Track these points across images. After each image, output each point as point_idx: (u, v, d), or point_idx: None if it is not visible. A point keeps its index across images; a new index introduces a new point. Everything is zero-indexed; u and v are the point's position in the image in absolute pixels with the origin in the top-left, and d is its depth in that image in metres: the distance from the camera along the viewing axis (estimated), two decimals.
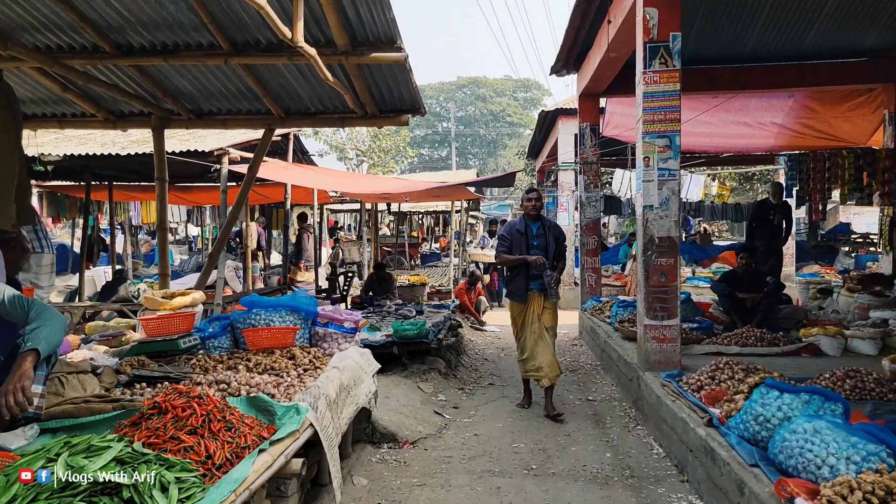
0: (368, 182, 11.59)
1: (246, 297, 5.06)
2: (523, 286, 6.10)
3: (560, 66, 10.39)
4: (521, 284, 6.11)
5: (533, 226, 6.18)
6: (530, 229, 6.15)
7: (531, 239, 6.10)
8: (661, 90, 5.77)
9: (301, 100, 5.55)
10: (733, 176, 25.55)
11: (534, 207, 6.14)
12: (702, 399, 4.59)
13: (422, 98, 5.31)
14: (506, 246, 6.16)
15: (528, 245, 6.07)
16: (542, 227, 6.18)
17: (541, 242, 6.12)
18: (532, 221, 6.19)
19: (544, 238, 6.14)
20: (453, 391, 7.04)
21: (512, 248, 6.12)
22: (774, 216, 8.82)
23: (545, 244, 6.12)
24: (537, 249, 6.08)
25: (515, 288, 6.17)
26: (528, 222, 6.19)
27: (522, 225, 6.17)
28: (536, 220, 6.20)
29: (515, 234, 6.15)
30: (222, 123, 5.90)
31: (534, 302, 6.13)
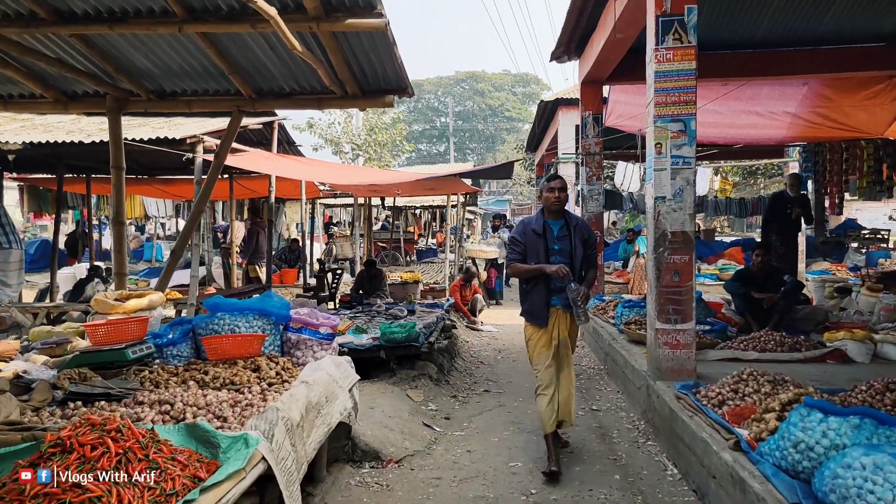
0: (357, 173, 11.02)
1: (210, 298, 4.49)
2: (543, 302, 4.65)
3: (561, 52, 9.82)
4: (541, 300, 4.66)
5: (554, 225, 4.72)
6: (550, 229, 4.70)
7: (552, 242, 4.67)
8: (675, 69, 5.21)
9: (273, 78, 4.97)
10: (736, 170, 25.00)
11: (556, 200, 4.65)
12: (725, 417, 4.04)
13: (408, 77, 4.74)
14: (518, 251, 4.72)
15: (548, 250, 4.64)
16: (565, 226, 4.73)
17: (564, 247, 4.68)
18: (553, 219, 4.74)
19: (568, 241, 4.69)
20: (445, 399, 6.48)
21: (526, 255, 4.68)
22: (792, 210, 8.27)
23: (570, 249, 4.67)
24: (559, 256, 4.65)
25: (534, 306, 4.70)
26: (547, 220, 4.72)
27: (540, 224, 4.71)
28: (559, 218, 4.74)
29: (531, 235, 4.69)
30: (186, 105, 5.31)
31: (558, 322, 4.70)
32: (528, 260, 4.69)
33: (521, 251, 4.74)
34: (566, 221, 4.77)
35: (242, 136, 9.32)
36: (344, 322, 7.23)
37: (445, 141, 67.39)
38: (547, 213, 4.78)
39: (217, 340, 4.01)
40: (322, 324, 4.47)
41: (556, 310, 4.70)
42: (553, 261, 4.63)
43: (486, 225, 34.67)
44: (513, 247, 4.82)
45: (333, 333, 4.52)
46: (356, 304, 9.31)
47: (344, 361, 4.32)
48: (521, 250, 4.75)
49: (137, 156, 9.68)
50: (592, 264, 4.86)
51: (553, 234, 4.71)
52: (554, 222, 4.75)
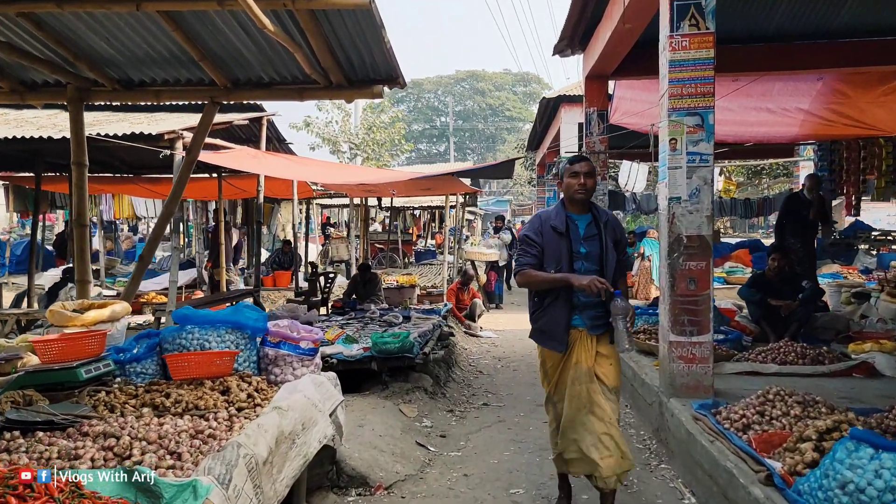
0: (349, 172, 10.59)
1: (179, 309, 4.06)
2: (563, 321, 3.63)
3: (564, 45, 9.36)
4: (561, 319, 3.64)
5: (579, 221, 3.70)
6: (574, 226, 3.68)
7: (576, 243, 3.63)
8: (692, 58, 4.77)
9: (250, 67, 4.54)
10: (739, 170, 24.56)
11: (581, 188, 3.63)
12: (752, 444, 3.60)
13: (399, 65, 4.30)
14: (532, 254, 3.68)
15: (571, 253, 3.60)
16: (593, 222, 3.69)
17: (592, 249, 3.64)
18: (577, 213, 3.71)
19: (598, 241, 3.65)
20: (441, 414, 6.05)
21: (543, 259, 3.66)
22: (810, 211, 7.83)
23: (600, 252, 3.64)
24: (586, 261, 3.62)
25: (551, 325, 3.68)
26: (570, 215, 3.70)
27: (561, 219, 3.67)
28: (584, 211, 3.72)
29: (550, 234, 3.66)
30: (154, 96, 4.87)
31: (580, 347, 3.66)
32: (546, 266, 3.63)
33: (537, 254, 3.67)
34: (594, 216, 3.70)
35: (230, 133, 8.91)
36: (334, 330, 6.79)
37: (445, 141, 67.00)
38: (569, 204, 3.72)
39: (182, 359, 3.57)
40: (303, 338, 4.03)
41: (579, 332, 3.66)
42: (578, 267, 3.58)
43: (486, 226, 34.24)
44: (525, 248, 3.72)
45: (316, 348, 4.08)
46: (349, 309, 8.88)
47: (326, 380, 3.89)
48: (535, 252, 3.67)
49: (122, 154, 9.27)
50: (624, 272, 3.86)
51: (578, 232, 3.65)
52: (579, 217, 3.69)
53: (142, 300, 10.19)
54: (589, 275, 3.54)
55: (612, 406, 3.64)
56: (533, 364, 8.44)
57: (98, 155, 9.45)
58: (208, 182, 10.45)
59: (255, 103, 8.70)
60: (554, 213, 3.75)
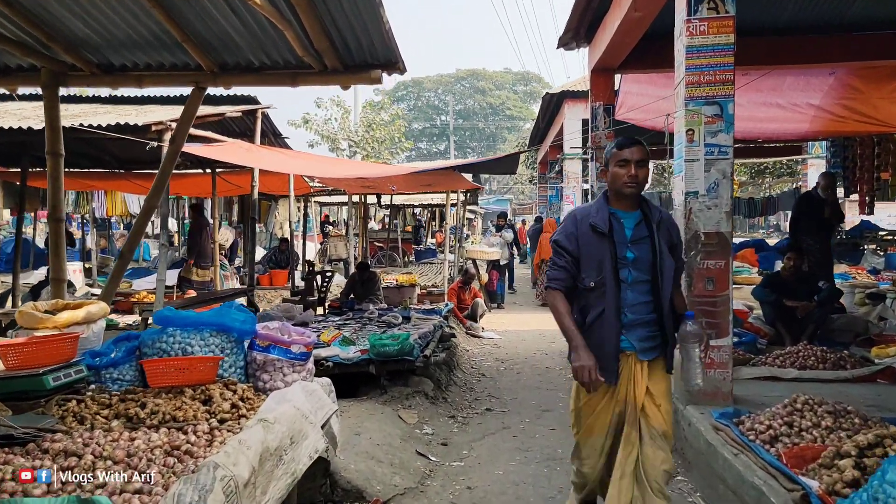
0: (346, 167, 10.29)
1: (160, 310, 3.76)
2: (612, 343, 2.91)
3: (570, 38, 9.06)
4: (609, 339, 2.91)
5: (626, 219, 2.99)
6: (619, 226, 2.97)
7: (622, 247, 2.93)
8: (711, 43, 4.48)
9: (239, 50, 4.24)
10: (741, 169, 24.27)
11: (632, 181, 2.91)
12: (782, 458, 3.31)
13: (399, 49, 4.01)
14: (561, 267, 2.99)
15: (615, 259, 2.90)
16: (643, 221, 2.99)
17: (643, 255, 2.94)
18: (624, 209, 3.00)
19: (650, 245, 2.95)
20: (442, 420, 5.75)
21: (577, 271, 2.97)
22: (825, 210, 7.54)
23: (652, 259, 2.93)
24: (634, 268, 2.93)
25: (595, 347, 2.90)
26: (615, 212, 3.00)
27: (603, 217, 2.96)
28: (633, 208, 3.01)
29: (588, 236, 2.95)
30: (136, 81, 4.56)
31: (628, 377, 2.96)
32: (585, 276, 2.93)
33: (567, 265, 2.96)
34: (645, 214, 2.99)
35: (224, 126, 8.61)
36: (330, 331, 6.50)
37: (446, 139, 66.76)
38: (613, 199, 3.00)
39: (160, 365, 3.28)
40: (294, 341, 3.74)
41: (629, 357, 2.94)
42: (624, 276, 2.90)
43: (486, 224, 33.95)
44: (554, 259, 3.03)
45: (308, 353, 3.78)
46: (347, 309, 8.58)
47: (318, 388, 3.59)
48: (566, 264, 2.97)
49: (112, 148, 8.97)
50: (679, 284, 3.12)
51: (624, 233, 2.95)
52: (626, 215, 2.98)
53: (132, 300, 9.88)
54: (637, 288, 2.93)
55: (664, 457, 2.90)
56: (537, 366, 8.16)
57: (87, 149, 9.15)
58: (202, 178, 10.15)
59: (249, 95, 8.42)
60: (594, 210, 3.00)
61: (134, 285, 12.29)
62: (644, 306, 2.96)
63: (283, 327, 3.95)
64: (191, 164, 9.99)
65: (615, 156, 2.97)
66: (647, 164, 2.97)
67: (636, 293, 2.95)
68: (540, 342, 9.75)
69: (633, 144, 2.97)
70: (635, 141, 2.99)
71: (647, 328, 2.98)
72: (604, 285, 2.90)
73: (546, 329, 10.80)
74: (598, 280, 2.92)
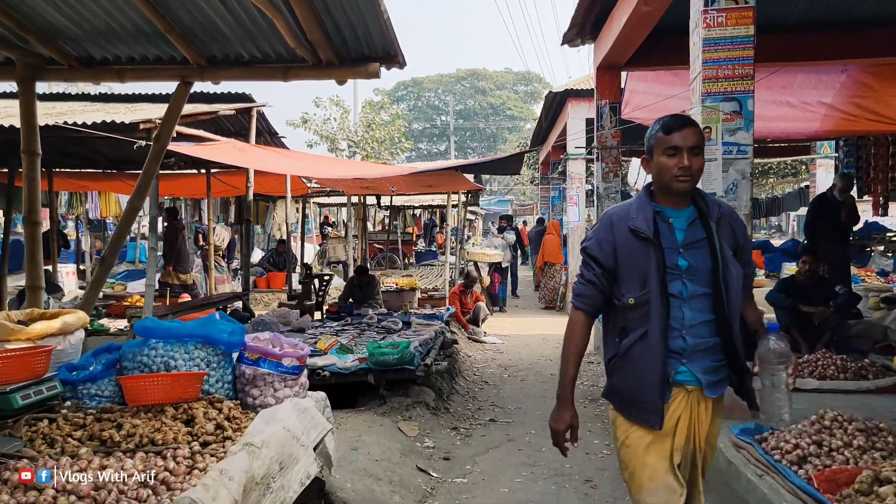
0: (344, 167, 10.04)
1: (143, 320, 3.51)
2: (657, 376, 2.28)
3: (574, 34, 8.80)
4: (653, 371, 2.29)
5: (676, 218, 2.37)
6: (667, 227, 2.36)
7: (671, 253, 2.33)
8: (729, 35, 4.24)
9: (227, 42, 3.99)
10: None
11: (684, 174, 2.29)
12: (813, 483, 3.05)
13: (398, 41, 3.75)
14: (589, 281, 2.40)
15: (663, 269, 2.29)
16: (697, 219, 2.37)
17: (698, 262, 2.33)
18: (673, 206, 2.38)
19: (707, 249, 2.34)
20: (444, 432, 5.50)
21: (613, 281, 2.38)
22: (842, 213, 7.28)
23: (711, 266, 2.32)
24: (690, 279, 2.32)
25: (638, 381, 2.32)
26: (661, 209, 2.38)
27: (647, 217, 2.35)
28: (683, 204, 2.38)
29: (627, 243, 2.35)
30: (117, 75, 4.31)
31: (690, 419, 2.34)
32: (624, 293, 2.32)
33: (596, 279, 2.36)
34: (700, 211, 2.35)
35: (218, 125, 8.37)
36: (327, 339, 6.24)
37: (446, 140, 66.51)
38: (659, 194, 2.39)
39: (138, 382, 3.02)
40: (286, 354, 3.48)
41: (686, 393, 2.31)
42: (676, 291, 2.28)
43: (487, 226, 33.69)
44: (583, 270, 2.42)
45: (301, 366, 3.53)
46: (345, 314, 8.33)
47: (312, 405, 3.33)
48: (594, 278, 2.37)
49: (104, 148, 8.71)
50: (750, 295, 2.46)
51: (674, 236, 2.33)
52: (675, 213, 2.35)
53: (125, 303, 9.64)
54: (695, 305, 2.29)
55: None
56: (542, 373, 7.90)
57: (78, 148, 8.89)
58: (196, 178, 9.90)
59: (244, 93, 8.18)
60: (634, 209, 2.36)
61: (129, 288, 12.04)
62: (705, 327, 2.32)
63: (274, 339, 3.69)
64: (185, 165, 9.75)
65: (661, 141, 2.32)
66: (703, 151, 2.34)
67: (694, 311, 2.31)
68: (544, 347, 9.49)
69: (683, 126, 2.30)
70: (686, 121, 2.34)
71: (712, 356, 2.33)
72: (647, 303, 2.27)
73: (549, 333, 10.55)
74: (641, 296, 2.29)
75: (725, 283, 2.30)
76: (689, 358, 2.31)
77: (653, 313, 2.27)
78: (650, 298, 2.28)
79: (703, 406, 2.35)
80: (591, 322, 2.44)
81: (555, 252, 13.63)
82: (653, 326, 2.27)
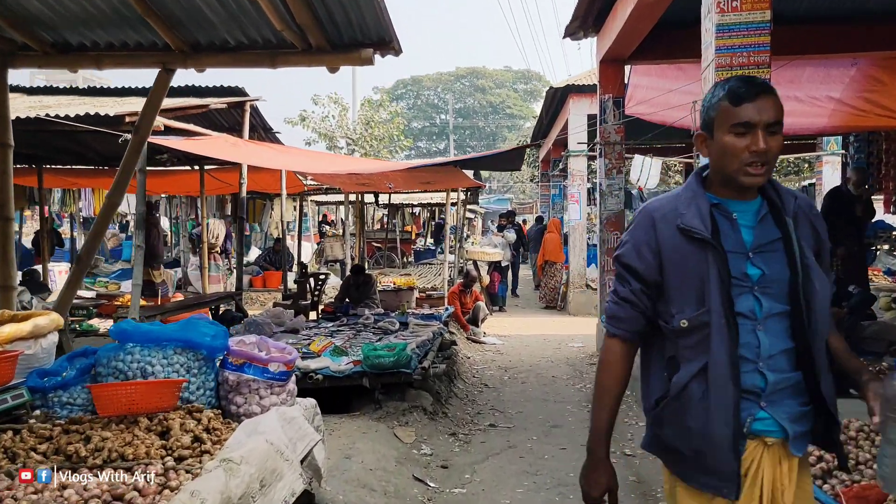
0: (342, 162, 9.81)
1: (120, 323, 3.28)
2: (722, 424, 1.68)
3: (577, 26, 8.57)
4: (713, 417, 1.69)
5: (741, 212, 1.77)
6: (730, 225, 1.75)
7: (738, 260, 1.72)
8: (745, 21, 4.01)
9: (211, 27, 3.75)
10: None
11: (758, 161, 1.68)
12: (840, 499, 2.82)
13: (393, 26, 3.52)
14: (627, 295, 1.82)
15: (727, 280, 1.69)
16: (768, 213, 1.77)
17: (774, 270, 1.73)
18: (737, 198, 1.77)
19: (783, 254, 1.74)
20: (442, 438, 5.27)
21: (658, 298, 1.80)
22: (857, 208, 7.05)
23: (790, 276, 1.73)
24: (762, 293, 1.72)
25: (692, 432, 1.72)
26: (721, 202, 1.77)
27: (702, 212, 1.75)
28: (749, 195, 1.78)
29: (676, 248, 1.75)
30: (94, 62, 4.07)
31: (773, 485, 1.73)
32: (675, 314, 1.75)
33: (637, 297, 1.81)
34: (770, 203, 1.79)
35: (210, 119, 8.13)
36: (321, 340, 6.02)
37: (445, 138, 66.28)
38: (719, 183, 1.80)
39: (108, 390, 2.79)
40: (272, 359, 3.25)
41: (764, 446, 1.74)
42: (745, 309, 1.71)
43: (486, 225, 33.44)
44: (617, 286, 1.87)
45: (289, 371, 3.30)
46: (341, 314, 8.10)
47: (299, 415, 3.10)
48: (633, 294, 1.82)
49: (93, 143, 8.49)
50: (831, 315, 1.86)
51: (740, 235, 1.76)
52: (739, 206, 1.78)
53: (117, 303, 9.40)
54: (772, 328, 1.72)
55: None
56: (543, 375, 7.67)
57: (68, 144, 8.68)
58: (190, 175, 9.67)
59: (237, 87, 7.94)
60: (685, 201, 1.78)
61: (123, 287, 11.81)
62: (785, 358, 1.73)
63: (260, 342, 3.47)
64: (178, 161, 9.52)
65: (726, 114, 1.70)
66: (782, 127, 1.73)
67: (772, 336, 1.72)
68: (545, 348, 9.27)
69: (759, 94, 1.69)
70: (762, 87, 1.72)
71: (798, 397, 1.74)
72: (707, 325, 1.69)
73: (550, 334, 10.34)
74: (698, 317, 1.70)
75: (808, 298, 1.71)
76: (770, 400, 1.71)
77: (715, 339, 1.68)
78: (711, 319, 1.68)
79: (786, 466, 1.74)
80: (631, 353, 1.86)
81: (556, 251, 13.41)
82: (716, 357, 1.68)
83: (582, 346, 9.17)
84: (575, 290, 12.59)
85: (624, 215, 8.84)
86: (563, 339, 9.79)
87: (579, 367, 7.96)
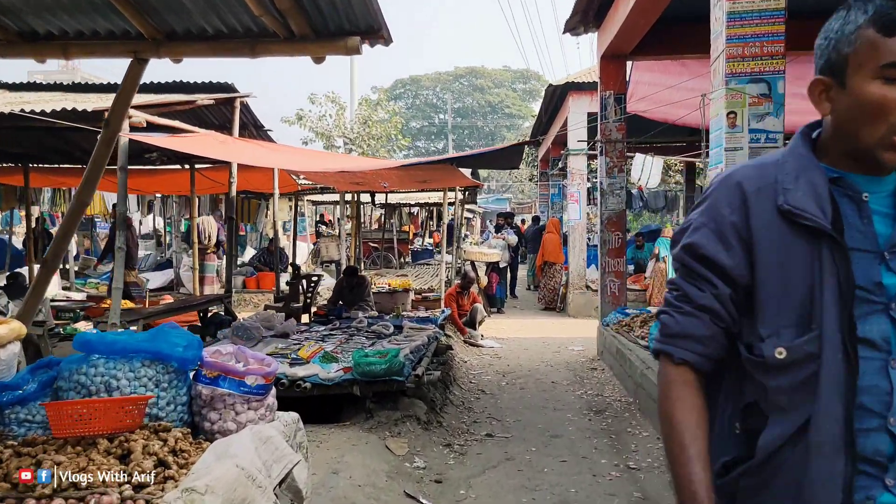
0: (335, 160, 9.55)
1: (83, 332, 3.04)
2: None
3: (577, 21, 8.35)
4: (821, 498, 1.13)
5: (874, 192, 1.19)
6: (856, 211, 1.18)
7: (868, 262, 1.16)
8: (757, 8, 3.78)
9: (186, 14, 3.50)
10: None
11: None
12: None
13: (382, 13, 3.28)
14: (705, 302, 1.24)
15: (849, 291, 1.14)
16: None
17: None
18: (865, 171, 1.19)
19: None
20: (436, 450, 5.02)
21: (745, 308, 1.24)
22: None
23: None
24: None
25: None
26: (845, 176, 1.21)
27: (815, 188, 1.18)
28: (884, 169, 1.18)
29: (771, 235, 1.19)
30: (61, 50, 3.82)
31: None
32: (761, 330, 1.20)
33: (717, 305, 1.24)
34: None
35: (199, 116, 7.88)
36: (310, 346, 5.77)
37: (444, 138, 66.09)
38: (839, 152, 1.23)
39: (62, 409, 2.53)
40: (250, 371, 2.99)
41: None
42: (873, 333, 1.15)
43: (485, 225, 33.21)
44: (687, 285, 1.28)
45: (268, 384, 3.04)
46: (334, 317, 7.85)
47: (276, 434, 2.85)
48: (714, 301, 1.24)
49: (81, 141, 8.24)
50: None
51: (871, 227, 1.18)
52: (870, 182, 1.20)
53: (104, 305, 9.13)
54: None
55: None
56: (542, 380, 7.42)
57: (55, 142, 8.43)
58: (179, 174, 9.43)
59: (226, 83, 7.69)
60: (791, 171, 1.23)
61: None
62: None
63: (238, 352, 3.21)
64: (168, 160, 9.26)
65: (874, 49, 1.13)
66: None
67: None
68: (544, 352, 9.03)
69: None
70: None
71: None
72: (815, 358, 1.16)
73: (549, 337, 10.10)
74: (802, 345, 1.17)
75: None
76: (883, 467, 1.16)
77: (825, 381, 1.15)
78: (821, 350, 1.15)
79: None
80: (701, 384, 1.26)
81: (555, 251, 13.17)
82: (826, 407, 1.15)
83: (582, 350, 8.93)
84: (575, 291, 12.36)
85: (625, 215, 8.60)
86: (563, 342, 9.56)
87: (579, 372, 7.73)
